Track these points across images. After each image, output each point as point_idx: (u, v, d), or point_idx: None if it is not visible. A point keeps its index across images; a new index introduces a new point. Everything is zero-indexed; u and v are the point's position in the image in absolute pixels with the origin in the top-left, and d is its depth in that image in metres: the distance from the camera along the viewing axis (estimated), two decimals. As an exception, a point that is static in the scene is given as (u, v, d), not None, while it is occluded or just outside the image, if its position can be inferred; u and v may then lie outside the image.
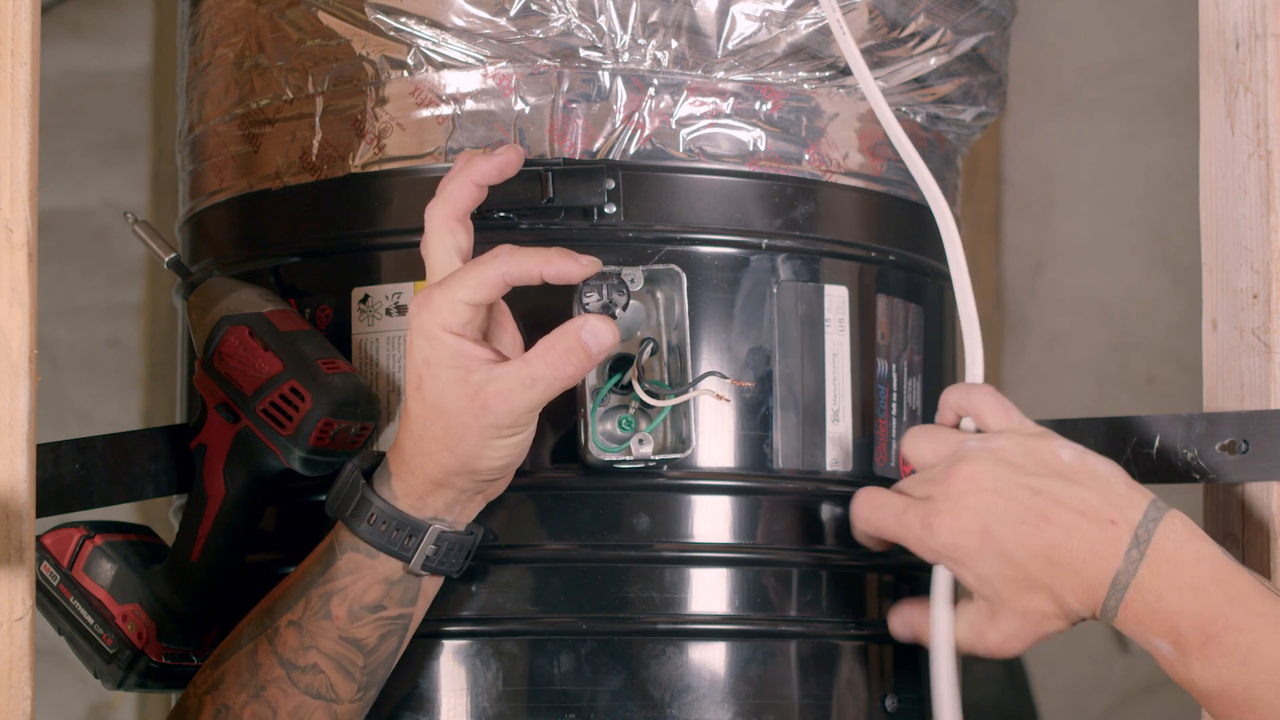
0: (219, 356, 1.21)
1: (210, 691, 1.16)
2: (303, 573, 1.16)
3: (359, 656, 1.16)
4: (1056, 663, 2.84)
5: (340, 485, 1.16)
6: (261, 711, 1.15)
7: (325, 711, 1.16)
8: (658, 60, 1.22)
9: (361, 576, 1.15)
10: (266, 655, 1.15)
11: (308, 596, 1.15)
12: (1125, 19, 2.92)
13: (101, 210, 2.92)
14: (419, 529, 1.15)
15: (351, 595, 1.15)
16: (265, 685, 1.15)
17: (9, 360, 0.95)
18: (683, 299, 1.18)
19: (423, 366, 1.12)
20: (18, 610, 0.94)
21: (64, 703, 2.80)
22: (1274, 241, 1.22)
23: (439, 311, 1.12)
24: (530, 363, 1.12)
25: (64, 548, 1.23)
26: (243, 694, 1.15)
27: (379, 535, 1.15)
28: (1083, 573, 1.13)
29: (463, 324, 1.12)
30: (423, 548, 1.15)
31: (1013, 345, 2.87)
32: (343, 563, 1.15)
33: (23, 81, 0.97)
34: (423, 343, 1.12)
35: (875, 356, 1.28)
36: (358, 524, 1.15)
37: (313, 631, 1.15)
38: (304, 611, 1.15)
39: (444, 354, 1.12)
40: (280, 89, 1.26)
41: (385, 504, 1.15)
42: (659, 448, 1.18)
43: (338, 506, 1.16)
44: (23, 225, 0.96)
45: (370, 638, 1.16)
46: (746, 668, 1.21)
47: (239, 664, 1.15)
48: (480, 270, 1.12)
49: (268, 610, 1.16)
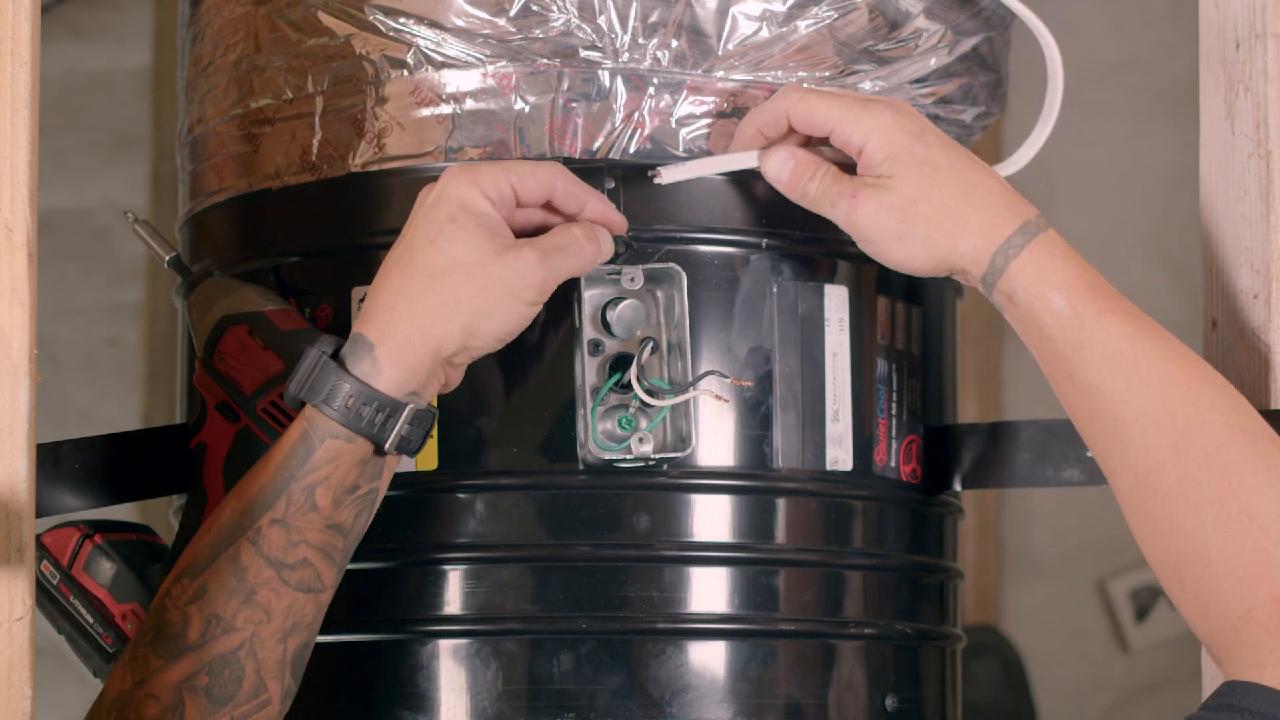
0: (219, 356, 1.21)
1: (194, 602, 1.12)
2: (277, 467, 1.13)
3: (340, 540, 1.14)
4: (1056, 663, 2.85)
5: (307, 370, 1.13)
6: (255, 615, 1.12)
7: (314, 602, 1.14)
8: (658, 60, 1.22)
9: (342, 462, 1.13)
10: (252, 558, 1.12)
11: (288, 492, 1.12)
12: (1125, 19, 2.92)
13: (101, 210, 2.92)
14: (397, 408, 1.12)
15: (334, 482, 1.13)
16: (256, 589, 1.12)
17: (9, 360, 0.95)
18: (683, 298, 1.18)
19: (446, 221, 1.12)
20: (18, 610, 0.94)
21: (64, 703, 2.80)
22: (1274, 241, 1.22)
23: (483, 177, 1.13)
24: (557, 234, 1.14)
25: (64, 547, 1.23)
26: (232, 600, 1.12)
27: (357, 418, 1.12)
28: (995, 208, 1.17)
29: (501, 199, 1.14)
30: (399, 428, 1.13)
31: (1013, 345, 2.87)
32: (323, 451, 1.12)
33: (23, 81, 0.97)
34: (452, 202, 1.13)
35: (875, 356, 1.28)
36: (333, 408, 1.12)
37: (300, 527, 1.12)
38: (287, 508, 1.12)
39: (475, 214, 1.13)
40: (280, 89, 1.26)
41: (362, 385, 1.12)
42: (659, 447, 1.18)
43: (307, 391, 1.13)
44: (23, 225, 0.96)
45: (349, 519, 1.14)
46: (746, 667, 1.21)
47: (221, 571, 1.12)
48: (534, 166, 1.15)
49: (243, 511, 1.13)
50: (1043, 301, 1.16)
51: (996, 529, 2.89)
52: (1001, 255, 1.17)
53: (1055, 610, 2.90)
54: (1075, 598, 2.90)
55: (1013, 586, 2.91)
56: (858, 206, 1.18)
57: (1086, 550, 2.86)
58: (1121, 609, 2.88)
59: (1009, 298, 1.17)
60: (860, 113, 1.18)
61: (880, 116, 1.17)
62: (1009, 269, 1.16)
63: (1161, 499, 1.11)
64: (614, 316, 1.18)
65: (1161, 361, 1.14)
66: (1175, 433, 1.12)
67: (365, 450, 1.13)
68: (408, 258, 1.13)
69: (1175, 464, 1.11)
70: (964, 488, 1.35)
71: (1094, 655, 2.88)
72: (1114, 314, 1.15)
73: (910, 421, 1.30)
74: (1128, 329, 1.14)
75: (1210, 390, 1.13)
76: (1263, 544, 1.08)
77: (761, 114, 1.21)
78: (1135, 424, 1.13)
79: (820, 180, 1.19)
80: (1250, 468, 1.10)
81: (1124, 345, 1.14)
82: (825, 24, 1.23)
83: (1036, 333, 1.17)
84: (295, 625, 1.13)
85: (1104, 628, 2.90)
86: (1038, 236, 1.17)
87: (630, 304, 1.18)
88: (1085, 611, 2.90)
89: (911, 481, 1.30)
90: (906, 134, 1.17)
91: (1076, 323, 1.15)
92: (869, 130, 1.17)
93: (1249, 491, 1.09)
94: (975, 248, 1.17)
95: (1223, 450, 1.11)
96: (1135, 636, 2.87)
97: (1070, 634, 2.89)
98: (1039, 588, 2.90)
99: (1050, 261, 1.16)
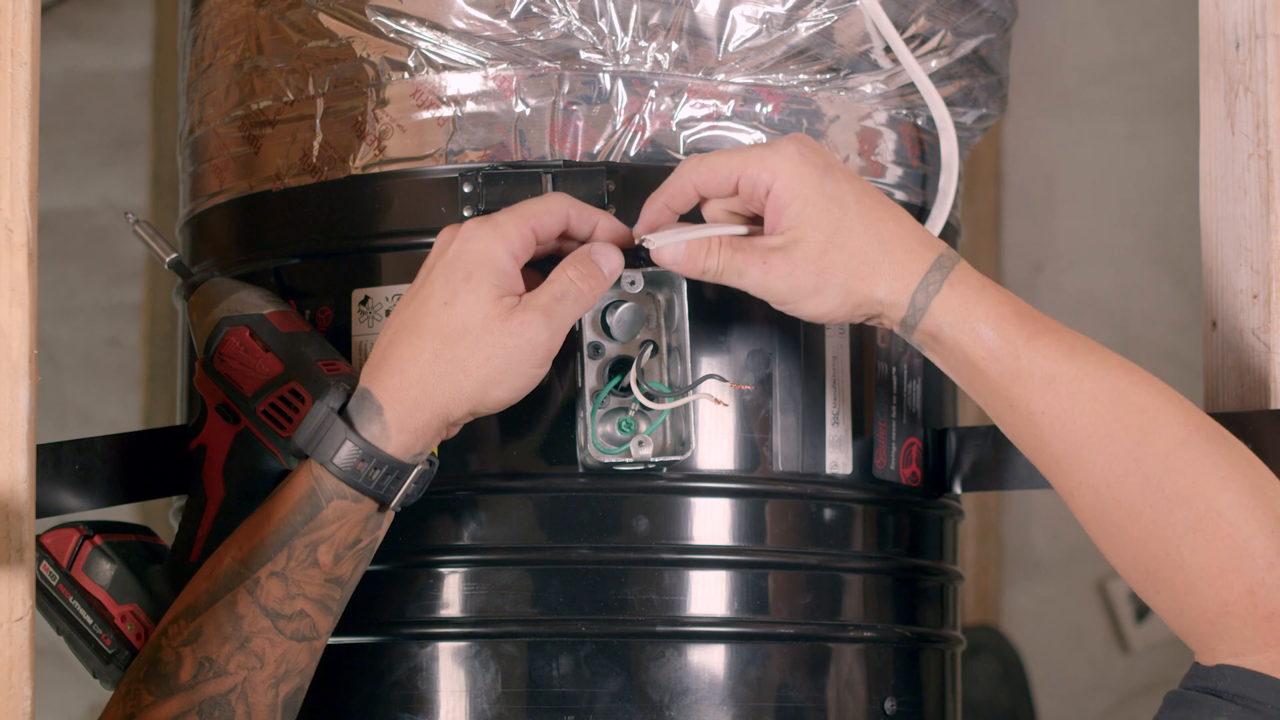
0: (219, 358, 1.21)
1: (189, 644, 1.13)
2: (280, 520, 1.14)
3: (338, 591, 1.15)
4: (1056, 663, 2.85)
5: (316, 425, 1.13)
6: (248, 662, 1.13)
7: (308, 650, 1.15)
8: (658, 62, 1.22)
9: (347, 520, 1.14)
10: (248, 607, 1.13)
11: (290, 546, 1.13)
12: (1125, 19, 2.92)
13: (101, 210, 2.92)
14: (405, 471, 1.14)
15: (338, 540, 1.14)
16: (250, 636, 1.13)
17: (9, 360, 0.95)
18: (682, 301, 1.18)
19: (462, 281, 1.12)
20: (18, 610, 0.94)
21: (64, 703, 2.80)
22: (1274, 241, 1.22)
23: (504, 230, 1.13)
24: (555, 281, 1.14)
25: (63, 548, 1.22)
26: (226, 646, 1.13)
27: (366, 481, 1.13)
28: (907, 245, 1.15)
29: (524, 248, 1.14)
30: (405, 488, 1.14)
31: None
32: (329, 511, 1.13)
33: (23, 81, 0.97)
34: (471, 259, 1.12)
35: (875, 359, 1.28)
36: (342, 470, 1.13)
37: (299, 580, 1.14)
38: (288, 562, 1.14)
39: (492, 272, 1.12)
40: (281, 90, 1.26)
41: (372, 447, 1.13)
42: (658, 450, 1.18)
43: (315, 448, 1.13)
44: (23, 225, 0.96)
45: (348, 571, 1.15)
46: (745, 670, 1.21)
47: (217, 616, 1.13)
48: (545, 205, 1.15)
49: (243, 560, 1.14)
50: (971, 335, 1.14)
51: (996, 529, 2.89)
52: (921, 294, 1.14)
53: (1055, 610, 2.90)
54: (1075, 598, 2.89)
55: (1013, 586, 2.91)
56: (771, 271, 1.14)
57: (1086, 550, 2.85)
58: (1121, 609, 2.87)
59: (933, 337, 1.15)
60: (764, 152, 1.15)
61: (784, 149, 1.15)
62: (931, 307, 1.14)
63: (1126, 509, 1.11)
64: (614, 320, 1.18)
65: (1103, 374, 1.13)
66: (1131, 441, 1.11)
67: (370, 508, 1.15)
68: (421, 318, 1.13)
69: (1136, 472, 1.11)
70: (964, 490, 1.35)
71: (1094, 655, 2.88)
72: (1045, 336, 1.13)
73: (910, 424, 1.30)
74: (1061, 348, 1.13)
75: (1156, 393, 1.12)
76: (1233, 538, 1.08)
77: (666, 189, 1.17)
78: (1088, 441, 1.12)
79: (719, 255, 1.15)
80: (1211, 463, 1.10)
81: (1062, 366, 1.13)
82: (825, 26, 1.23)
83: (968, 368, 1.15)
84: (288, 672, 1.14)
85: (1104, 628, 2.90)
86: (953, 270, 1.15)
87: (630, 307, 1.18)
88: (1085, 611, 2.90)
89: (911, 485, 1.30)
90: (812, 166, 1.14)
91: (1010, 351, 1.13)
92: (775, 166, 1.14)
93: (1214, 487, 1.09)
94: (893, 289, 1.15)
95: (1181, 450, 1.10)
96: (1135, 636, 2.87)
97: (1070, 634, 2.89)
98: (1039, 588, 2.90)
99: (972, 293, 1.14)
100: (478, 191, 1.20)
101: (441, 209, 1.22)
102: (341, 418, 1.13)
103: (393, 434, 1.13)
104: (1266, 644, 1.07)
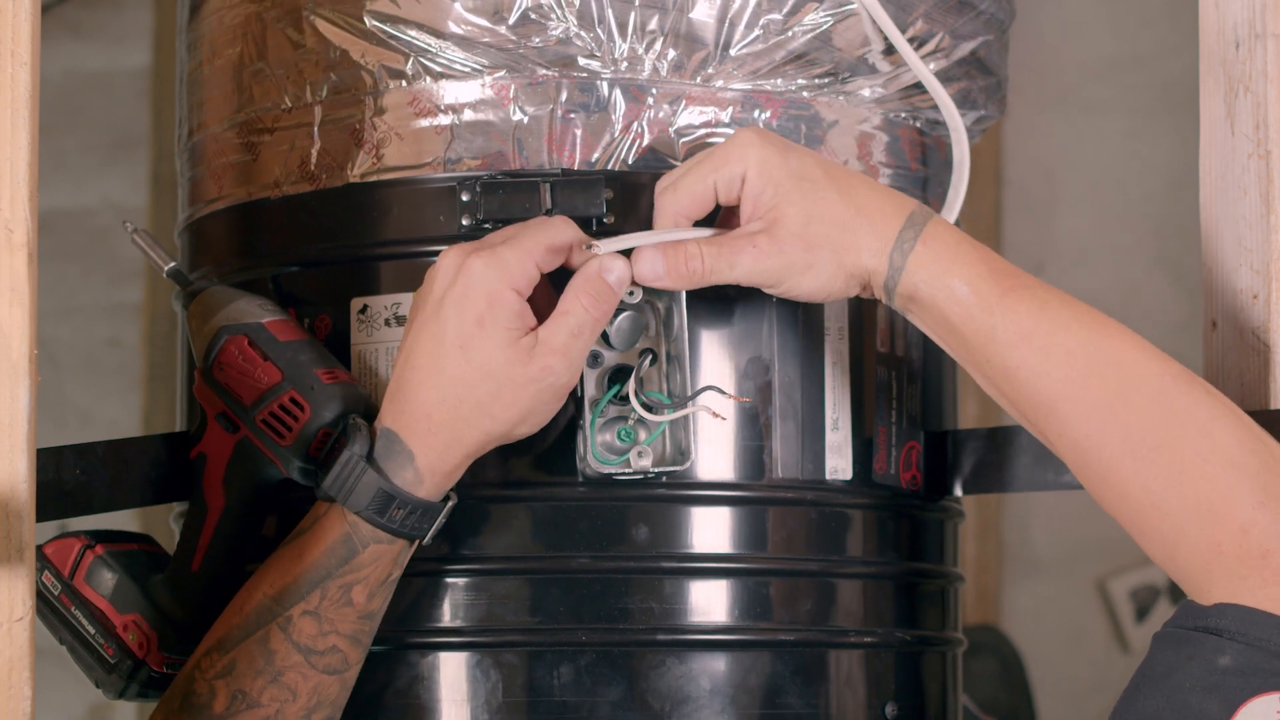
0: (218, 366, 1.21)
1: (222, 677, 1.15)
2: (312, 562, 1.15)
3: (369, 625, 1.17)
4: (1056, 663, 2.85)
5: (345, 474, 1.14)
6: (281, 695, 1.15)
7: (339, 682, 1.16)
8: (656, 69, 1.21)
9: (382, 561, 1.15)
10: (281, 643, 1.15)
11: (324, 587, 1.15)
12: (1124, 17, 2.92)
13: (101, 210, 2.92)
14: (438, 510, 1.15)
15: (372, 580, 1.16)
16: (283, 671, 1.15)
17: (9, 360, 0.94)
18: (681, 310, 1.18)
19: (474, 326, 1.12)
20: (18, 610, 0.94)
21: (64, 703, 2.81)
22: (1274, 241, 1.22)
23: (508, 268, 1.12)
24: (569, 313, 1.13)
25: (65, 557, 1.23)
26: (259, 680, 1.14)
27: (403, 526, 1.14)
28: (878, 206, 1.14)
29: (529, 283, 1.13)
30: (437, 525, 1.16)
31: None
32: (366, 555, 1.15)
33: (23, 81, 0.96)
34: (480, 301, 1.12)
35: (875, 364, 1.28)
36: (379, 517, 1.14)
37: (332, 619, 1.15)
38: (320, 601, 1.15)
39: (503, 314, 1.12)
40: (279, 97, 1.26)
41: (406, 494, 1.14)
42: (658, 460, 1.18)
43: (346, 497, 1.14)
44: (23, 225, 0.95)
45: (378, 606, 1.17)
46: (746, 677, 1.21)
47: (250, 651, 1.15)
48: (548, 234, 1.14)
49: (275, 598, 1.15)
50: (946, 292, 1.14)
51: (996, 529, 2.89)
52: (898, 253, 1.15)
53: (1055, 610, 2.90)
54: (1075, 598, 2.90)
55: (1013, 586, 2.91)
56: (762, 253, 1.14)
57: (1086, 550, 2.86)
58: (1121, 609, 2.88)
59: (910, 298, 1.15)
60: (727, 148, 1.15)
61: (744, 139, 1.15)
62: (907, 265, 1.14)
63: (1106, 460, 1.10)
64: (613, 329, 1.18)
65: (1078, 328, 1.12)
66: (1109, 393, 1.10)
67: (403, 545, 1.16)
68: (440, 361, 1.13)
69: (1115, 423, 1.10)
70: (964, 493, 1.35)
71: (1094, 655, 2.88)
72: (1018, 291, 1.13)
73: (910, 428, 1.30)
74: (1034, 303, 1.13)
75: (1132, 345, 1.12)
76: (1221, 479, 1.07)
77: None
78: (1064, 395, 1.12)
79: (703, 256, 1.15)
80: (1189, 413, 1.09)
81: (1036, 320, 1.12)
82: (823, 30, 1.23)
83: (944, 325, 1.15)
84: (320, 703, 1.16)
85: (1104, 628, 2.90)
86: (926, 226, 1.15)
87: (629, 316, 1.18)
88: (1085, 611, 2.90)
89: (911, 489, 1.30)
90: (775, 148, 1.15)
91: (984, 307, 1.13)
92: (741, 156, 1.14)
93: (1198, 431, 1.09)
94: (875, 251, 1.15)
95: (1161, 398, 1.10)
96: (1135, 636, 2.87)
97: (1070, 634, 2.89)
98: (1039, 588, 2.90)
99: (946, 249, 1.14)
100: (476, 200, 1.20)
101: (440, 217, 1.22)
102: (370, 464, 1.14)
103: (425, 479, 1.14)
104: (1264, 581, 1.06)
